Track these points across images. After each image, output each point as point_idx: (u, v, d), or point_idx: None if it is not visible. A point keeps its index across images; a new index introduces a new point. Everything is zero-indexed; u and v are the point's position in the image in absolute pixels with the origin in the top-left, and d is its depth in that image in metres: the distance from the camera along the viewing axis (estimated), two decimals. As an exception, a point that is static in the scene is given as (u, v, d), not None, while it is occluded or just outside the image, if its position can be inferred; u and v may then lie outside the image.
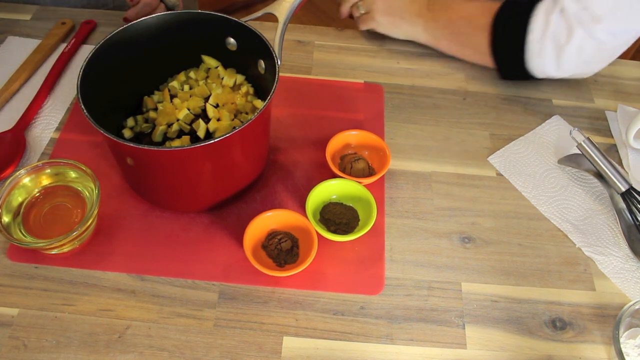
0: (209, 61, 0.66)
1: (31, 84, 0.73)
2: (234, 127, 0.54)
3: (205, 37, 0.63)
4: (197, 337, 0.53)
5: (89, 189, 0.58)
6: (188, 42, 0.64)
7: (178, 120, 0.63)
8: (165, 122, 0.63)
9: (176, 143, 0.62)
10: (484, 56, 0.75)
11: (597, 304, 0.58)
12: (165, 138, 0.63)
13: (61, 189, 0.58)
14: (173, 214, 0.61)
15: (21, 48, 0.77)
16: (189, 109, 0.63)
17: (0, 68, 0.74)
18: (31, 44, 0.77)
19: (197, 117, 0.64)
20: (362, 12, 0.78)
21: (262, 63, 0.61)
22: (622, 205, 0.64)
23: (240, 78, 0.66)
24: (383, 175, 0.64)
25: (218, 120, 0.63)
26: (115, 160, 0.61)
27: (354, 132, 0.66)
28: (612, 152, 0.72)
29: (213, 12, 0.61)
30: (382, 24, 0.77)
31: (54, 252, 0.56)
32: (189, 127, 0.63)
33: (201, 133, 0.62)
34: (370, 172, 0.64)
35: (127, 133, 0.63)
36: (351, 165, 0.63)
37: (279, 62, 0.56)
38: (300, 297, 0.56)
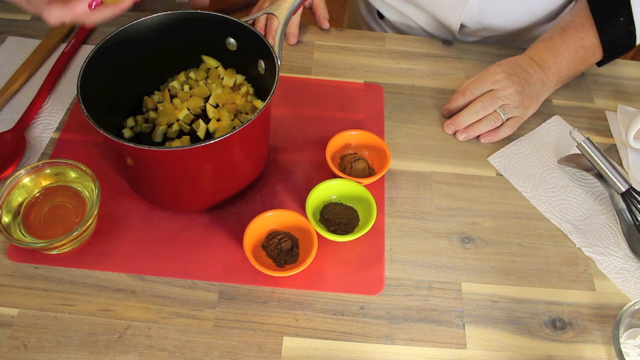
0: (209, 61, 0.66)
1: (31, 84, 0.73)
2: (234, 127, 0.54)
3: (205, 37, 0.63)
4: (197, 337, 0.53)
5: (89, 189, 0.58)
6: (188, 42, 0.64)
7: (178, 120, 0.63)
8: (165, 122, 0.63)
9: (176, 143, 0.62)
10: (594, 59, 0.74)
11: (597, 304, 0.58)
12: (165, 138, 0.63)
13: (61, 189, 0.58)
14: (173, 214, 0.61)
15: (21, 48, 0.77)
16: (189, 109, 0.64)
17: (0, 68, 0.74)
18: (31, 44, 0.77)
19: (197, 117, 0.64)
20: (506, 117, 0.71)
21: (262, 63, 0.61)
22: (622, 205, 0.64)
23: (240, 78, 0.66)
24: (383, 175, 0.64)
25: (218, 120, 0.63)
26: (115, 160, 0.61)
27: (354, 132, 0.66)
28: (612, 152, 0.72)
29: (213, 12, 0.61)
30: (529, 114, 0.73)
31: (54, 252, 0.56)
32: (189, 127, 0.63)
33: (201, 133, 0.62)
34: (370, 172, 0.64)
35: (127, 133, 0.63)
36: (351, 165, 0.63)
37: (278, 62, 0.56)
38: (300, 297, 0.56)
